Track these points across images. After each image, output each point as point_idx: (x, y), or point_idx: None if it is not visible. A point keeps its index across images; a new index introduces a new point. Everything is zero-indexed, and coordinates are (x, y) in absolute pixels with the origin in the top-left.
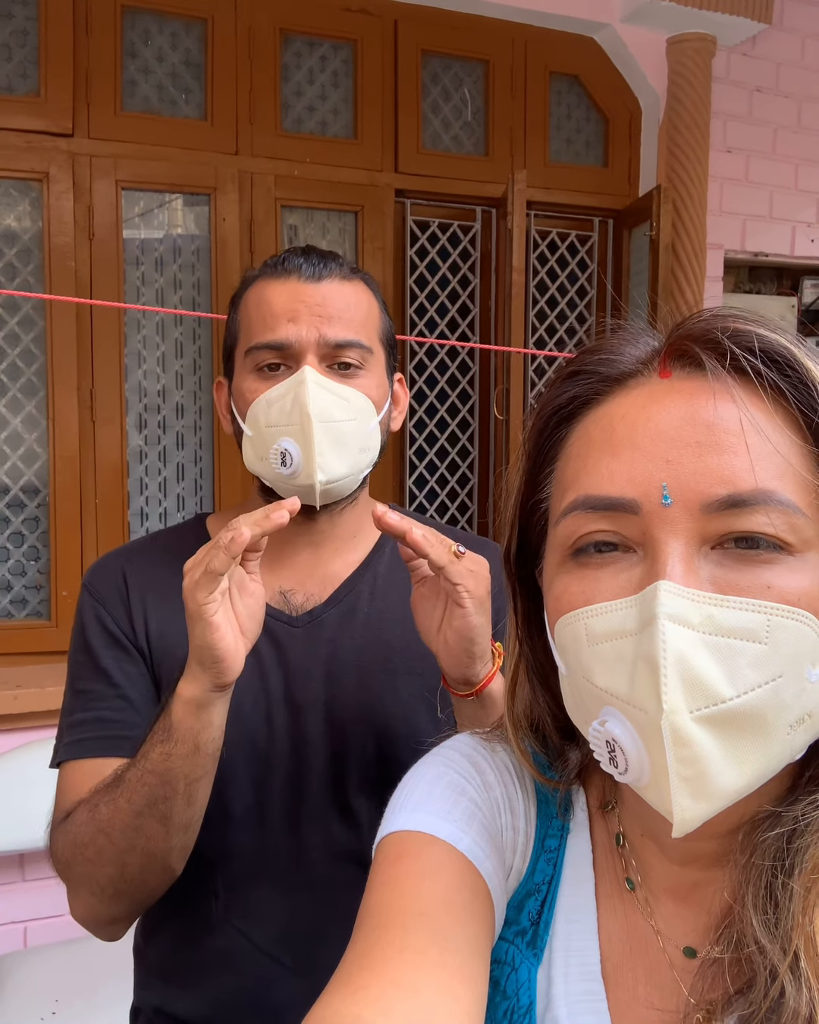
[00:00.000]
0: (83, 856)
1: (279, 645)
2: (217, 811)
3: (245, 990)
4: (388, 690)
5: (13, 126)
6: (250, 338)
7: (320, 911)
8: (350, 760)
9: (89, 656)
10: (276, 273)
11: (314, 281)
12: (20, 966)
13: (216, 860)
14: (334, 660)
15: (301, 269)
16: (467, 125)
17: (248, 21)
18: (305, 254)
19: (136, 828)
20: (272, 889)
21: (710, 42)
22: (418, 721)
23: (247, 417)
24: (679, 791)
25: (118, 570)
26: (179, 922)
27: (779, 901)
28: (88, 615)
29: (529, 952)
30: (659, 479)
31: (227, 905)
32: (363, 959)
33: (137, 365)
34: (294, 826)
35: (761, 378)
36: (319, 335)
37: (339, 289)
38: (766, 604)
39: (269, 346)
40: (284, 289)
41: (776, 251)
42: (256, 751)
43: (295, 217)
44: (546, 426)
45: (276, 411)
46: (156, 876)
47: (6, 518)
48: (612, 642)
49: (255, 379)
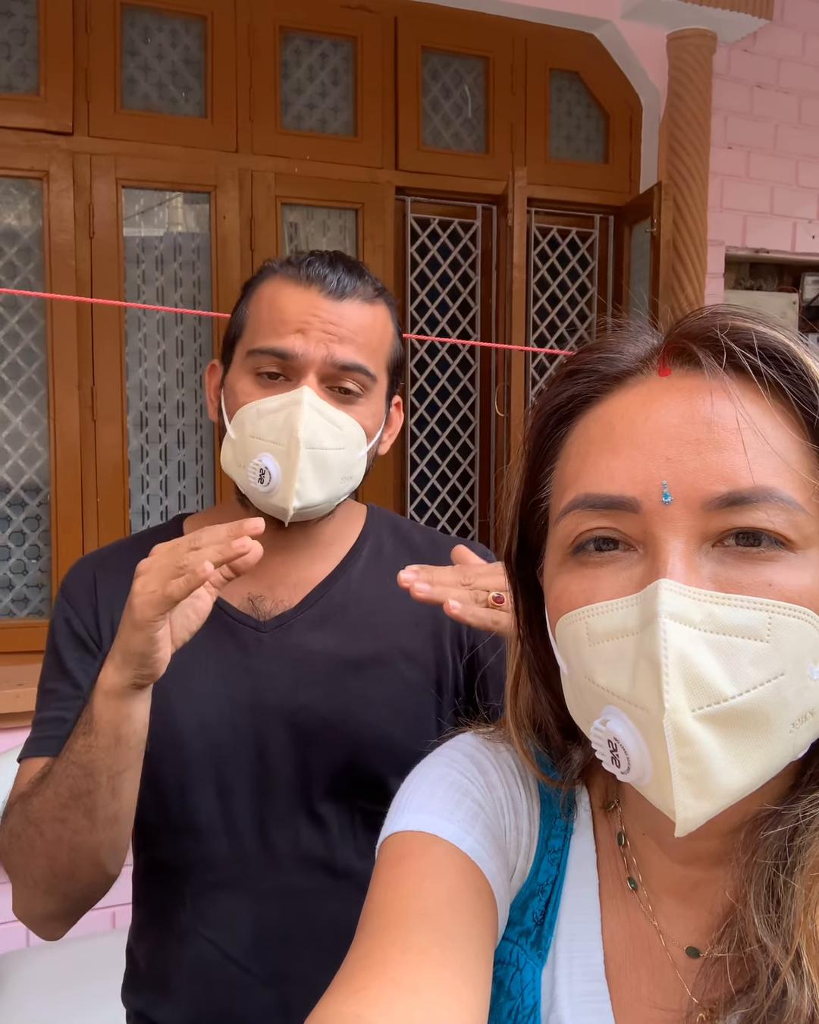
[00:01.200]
0: (17, 847)
1: (246, 651)
2: (181, 819)
3: (217, 1000)
4: (358, 697)
5: (13, 124)
6: (254, 339)
7: (289, 920)
8: (318, 767)
9: (56, 657)
10: (298, 278)
11: (335, 298)
12: (22, 965)
13: (182, 868)
14: (303, 666)
15: (325, 280)
16: (467, 122)
17: (248, 18)
18: (332, 265)
19: (62, 820)
20: (240, 898)
21: (710, 38)
22: (389, 729)
23: (234, 418)
24: (681, 790)
25: (90, 573)
26: (156, 931)
27: (781, 900)
28: (58, 617)
29: (533, 952)
30: (659, 477)
31: (195, 914)
32: (365, 959)
33: (138, 363)
34: (261, 834)
35: (760, 375)
36: (327, 353)
37: (359, 311)
38: (767, 602)
39: (273, 352)
40: (302, 297)
41: (777, 247)
42: (221, 758)
43: (295, 215)
44: (546, 425)
45: (265, 424)
46: (86, 871)
47: (7, 517)
48: (613, 641)
49: (251, 383)
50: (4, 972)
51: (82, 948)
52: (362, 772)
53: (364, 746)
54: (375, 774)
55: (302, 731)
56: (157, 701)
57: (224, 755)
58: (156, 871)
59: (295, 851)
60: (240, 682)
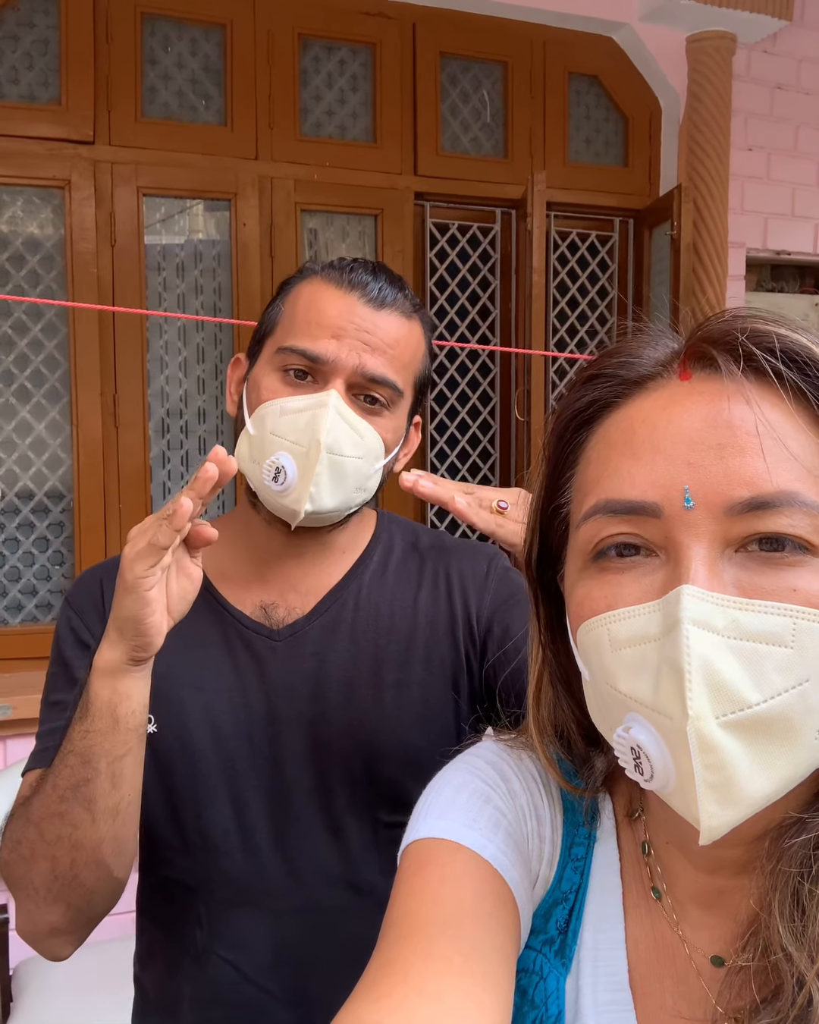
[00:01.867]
0: (18, 855)
1: (260, 660)
2: (196, 835)
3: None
4: (375, 704)
5: (35, 134)
6: (287, 337)
7: (309, 938)
8: (337, 779)
9: (64, 668)
10: (339, 282)
11: (375, 307)
12: (47, 969)
13: (197, 887)
14: (318, 674)
15: (366, 287)
16: (486, 127)
17: (267, 26)
18: (374, 273)
19: (60, 815)
20: (258, 916)
21: (730, 40)
22: (408, 735)
23: (255, 414)
24: (706, 798)
25: (96, 582)
26: (168, 953)
27: (806, 908)
28: (64, 628)
29: (557, 961)
30: (681, 482)
31: (212, 934)
32: (387, 966)
33: (159, 371)
34: (279, 850)
35: (781, 379)
36: (359, 362)
37: (396, 323)
38: (791, 607)
39: (304, 353)
40: (341, 302)
41: (798, 249)
42: (236, 772)
43: (315, 221)
44: (566, 430)
45: (286, 423)
46: (90, 872)
47: (31, 523)
48: (635, 647)
49: (277, 379)
50: (24, 979)
51: (99, 956)
52: (381, 782)
53: (382, 754)
54: (395, 783)
55: (319, 741)
56: (171, 712)
57: (239, 768)
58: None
59: (315, 867)
60: (255, 692)
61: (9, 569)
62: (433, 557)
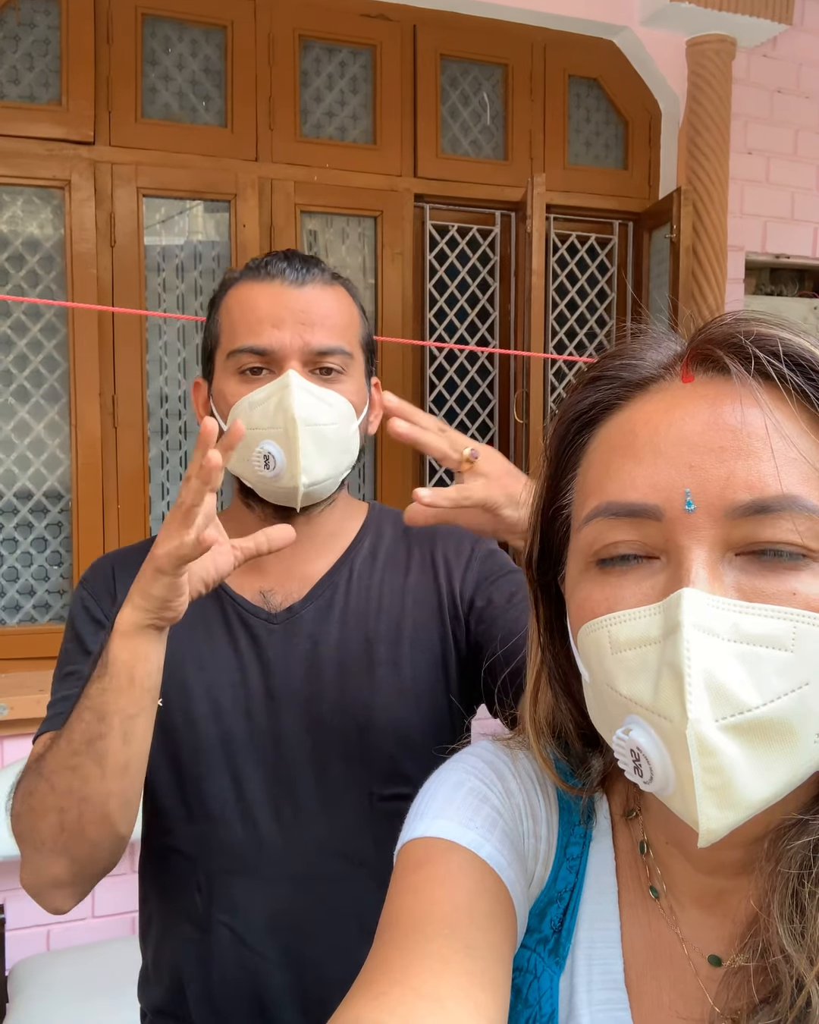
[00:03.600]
0: (28, 806)
1: (258, 642)
2: (197, 806)
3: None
4: (367, 682)
5: (35, 134)
6: (233, 341)
7: (303, 905)
8: (332, 754)
9: (78, 642)
10: (259, 276)
11: (297, 286)
12: (43, 969)
13: (198, 855)
14: (313, 655)
15: (285, 274)
16: (486, 129)
17: (267, 28)
18: (287, 259)
19: (72, 768)
20: (255, 884)
21: (730, 43)
22: (400, 711)
23: (228, 419)
24: (705, 800)
25: (109, 567)
26: (169, 919)
27: (806, 910)
28: (77, 607)
29: (551, 960)
30: (682, 485)
31: (211, 900)
32: (384, 966)
33: (158, 371)
34: (276, 821)
35: (785, 382)
36: (303, 342)
37: (322, 294)
38: (792, 611)
39: (253, 350)
40: (268, 293)
41: (798, 252)
42: (235, 746)
43: (315, 223)
44: (567, 432)
45: (259, 413)
46: (95, 827)
47: (29, 523)
48: (636, 650)
49: (237, 382)
50: (27, 974)
51: (103, 952)
52: (375, 756)
53: (376, 730)
54: (388, 757)
55: (314, 717)
56: (176, 688)
57: (239, 742)
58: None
59: (310, 838)
60: (253, 671)
61: (7, 569)
62: (421, 543)
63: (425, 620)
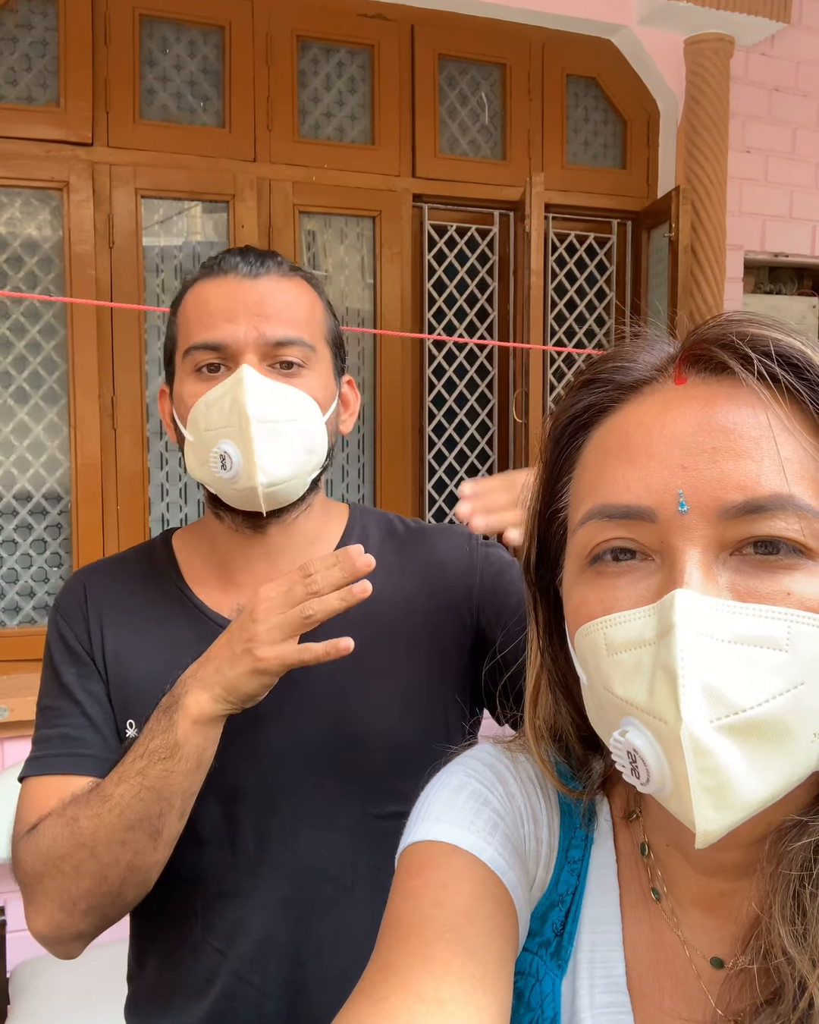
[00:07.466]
0: (58, 869)
1: None
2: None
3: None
4: (359, 696)
5: (33, 136)
6: (188, 339)
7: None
8: (321, 772)
9: (54, 672)
10: (213, 273)
11: (251, 278)
12: (44, 971)
13: (190, 879)
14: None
15: (238, 267)
16: (484, 129)
17: (265, 28)
18: (242, 253)
19: (123, 843)
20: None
21: (728, 42)
22: (393, 726)
23: (188, 422)
24: (701, 802)
25: (80, 586)
26: (166, 944)
27: (807, 911)
28: (53, 632)
29: (553, 963)
30: (675, 486)
31: (207, 925)
32: (386, 970)
33: (157, 372)
34: (265, 843)
35: (778, 382)
36: (258, 334)
37: (277, 286)
38: (786, 611)
39: (207, 346)
40: (221, 288)
41: (796, 251)
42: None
43: (313, 223)
44: (562, 435)
45: (215, 413)
46: (134, 889)
47: (29, 525)
48: (631, 651)
49: (194, 381)
50: (25, 978)
51: (100, 956)
52: (367, 773)
53: (367, 746)
54: (381, 774)
55: (301, 735)
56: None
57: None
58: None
59: (301, 861)
60: None
61: (7, 571)
62: (411, 542)
63: (421, 626)
